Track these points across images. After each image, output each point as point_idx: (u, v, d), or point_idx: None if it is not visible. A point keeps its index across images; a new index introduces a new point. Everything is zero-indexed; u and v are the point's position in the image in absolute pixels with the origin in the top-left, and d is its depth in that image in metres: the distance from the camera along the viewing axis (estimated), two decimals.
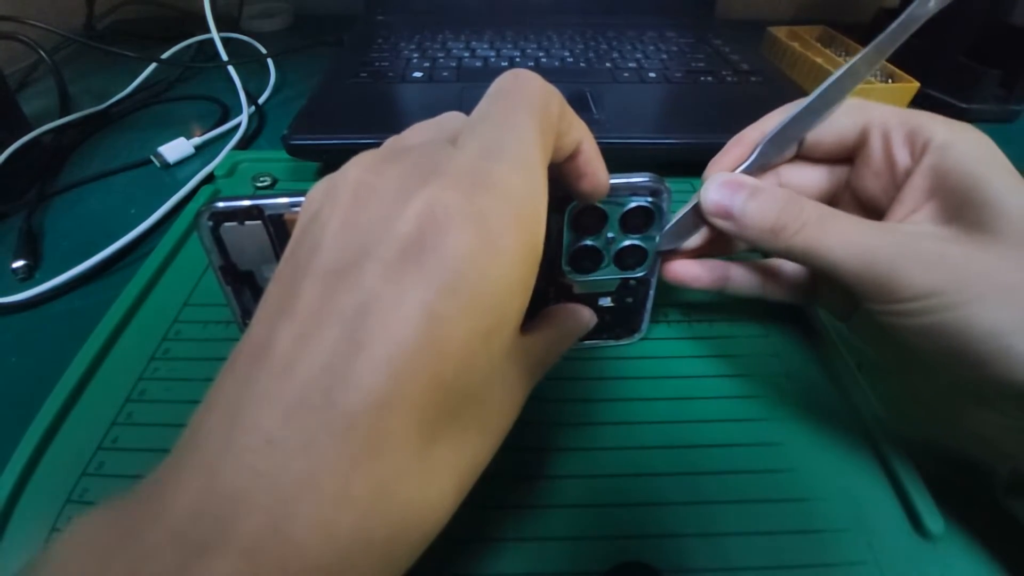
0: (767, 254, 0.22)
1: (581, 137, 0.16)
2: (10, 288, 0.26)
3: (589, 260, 0.20)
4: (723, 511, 0.18)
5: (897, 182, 0.18)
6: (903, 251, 0.15)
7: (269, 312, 0.12)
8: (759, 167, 0.20)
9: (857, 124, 0.19)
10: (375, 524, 0.10)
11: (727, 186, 0.18)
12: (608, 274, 0.21)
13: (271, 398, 0.10)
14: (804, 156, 0.20)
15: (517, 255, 0.12)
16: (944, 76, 0.43)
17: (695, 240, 0.20)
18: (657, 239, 0.20)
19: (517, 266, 0.12)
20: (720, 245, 0.22)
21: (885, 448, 0.19)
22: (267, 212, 0.18)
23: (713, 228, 0.19)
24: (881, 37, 0.17)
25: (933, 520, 0.17)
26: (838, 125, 0.19)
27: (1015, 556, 0.17)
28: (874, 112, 0.18)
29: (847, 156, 0.20)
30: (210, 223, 0.18)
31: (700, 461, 0.19)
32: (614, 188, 0.18)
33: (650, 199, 0.19)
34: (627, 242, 0.20)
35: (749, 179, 0.19)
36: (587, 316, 0.21)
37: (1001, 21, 0.41)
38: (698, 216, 0.19)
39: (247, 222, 0.18)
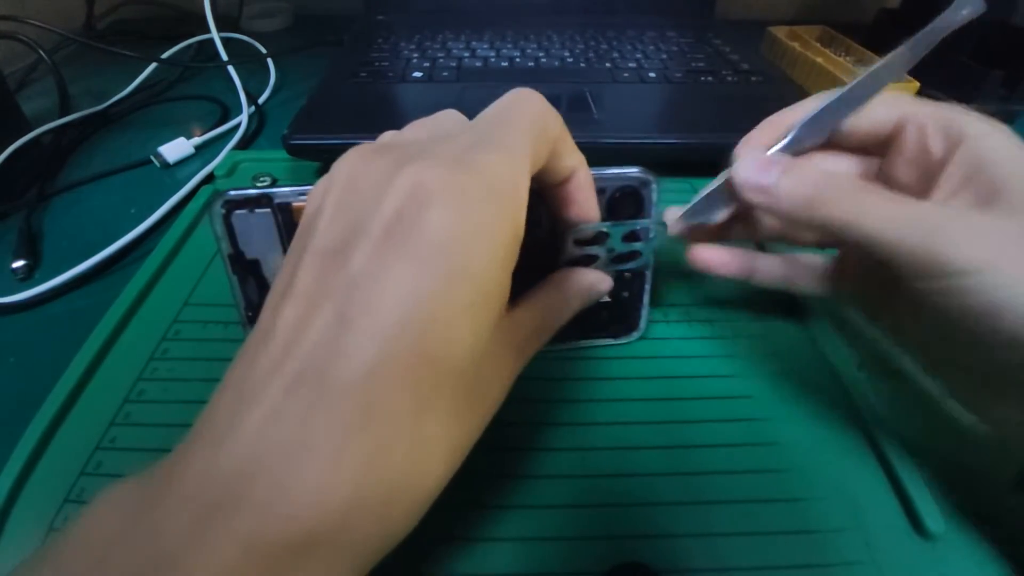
0: (792, 243, 0.22)
1: (577, 165, 0.17)
2: (10, 288, 0.26)
3: (584, 252, 0.20)
4: (721, 511, 0.18)
5: (932, 172, 0.18)
6: (944, 223, 0.15)
7: (274, 297, 0.13)
8: (791, 151, 0.19)
9: (892, 115, 0.19)
10: (368, 488, 0.11)
11: (761, 163, 0.18)
12: (602, 265, 0.20)
13: (273, 375, 0.11)
14: (836, 144, 0.20)
15: (496, 230, 0.12)
16: (945, 76, 0.43)
17: (721, 216, 0.20)
18: (651, 232, 0.20)
19: (497, 241, 0.12)
20: (745, 228, 0.22)
21: (885, 448, 0.19)
22: (276, 200, 0.18)
23: (743, 205, 0.19)
24: (916, 37, 0.18)
25: (933, 520, 0.17)
26: (874, 115, 0.19)
27: (1016, 556, 0.17)
28: (909, 105, 0.19)
29: (880, 147, 0.20)
30: (223, 211, 0.18)
31: (699, 461, 0.19)
32: (605, 176, 0.19)
33: (637, 184, 0.20)
34: (618, 229, 0.20)
35: (783, 156, 0.19)
36: (588, 280, 0.19)
37: (1003, 22, 0.41)
38: (726, 194, 0.19)
39: (257, 210, 0.18)
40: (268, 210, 0.19)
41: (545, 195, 0.17)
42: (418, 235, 0.11)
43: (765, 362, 0.23)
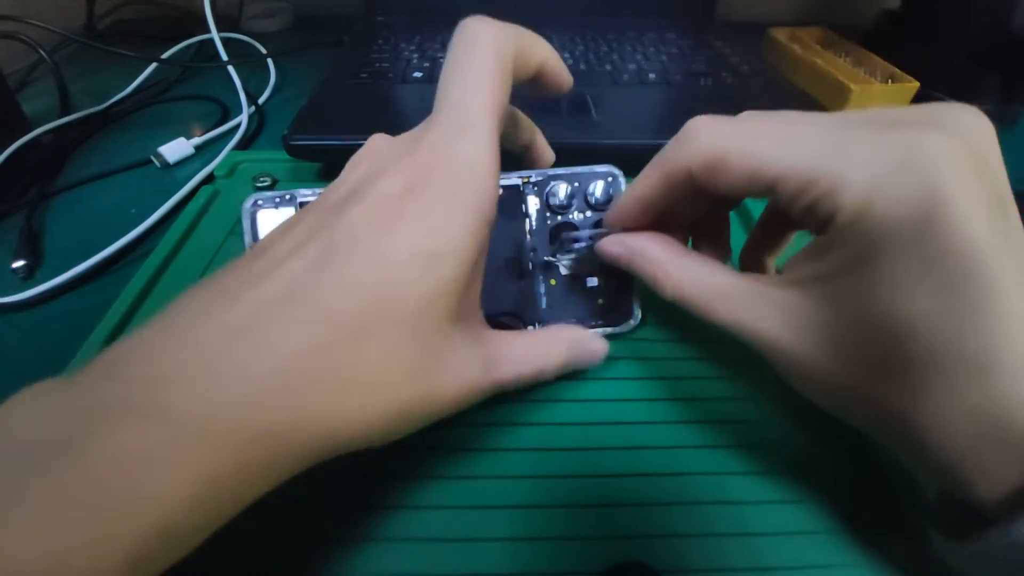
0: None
1: (544, 56, 0.19)
2: (10, 288, 0.26)
3: (567, 235, 0.22)
4: (722, 511, 0.18)
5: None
6: (735, 294, 0.17)
7: (278, 231, 0.16)
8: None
9: (747, 186, 0.16)
10: (297, 378, 0.12)
11: (611, 240, 0.20)
12: (586, 251, 0.22)
13: (252, 282, 0.13)
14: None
15: (460, 211, 0.15)
16: (944, 78, 0.43)
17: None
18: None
19: (460, 220, 0.15)
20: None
21: (885, 448, 0.19)
22: (298, 199, 0.21)
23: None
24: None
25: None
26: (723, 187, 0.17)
27: None
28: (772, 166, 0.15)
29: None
30: (253, 209, 0.21)
31: (699, 461, 0.19)
32: (578, 173, 0.22)
33: (608, 179, 0.22)
34: (593, 216, 0.22)
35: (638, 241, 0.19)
36: (578, 334, 0.20)
37: (1002, 23, 0.41)
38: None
39: (281, 206, 0.21)
40: (292, 208, 0.21)
41: (529, 87, 0.20)
42: (396, 214, 0.14)
43: (765, 363, 0.23)
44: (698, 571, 0.17)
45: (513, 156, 0.23)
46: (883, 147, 0.13)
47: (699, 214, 0.20)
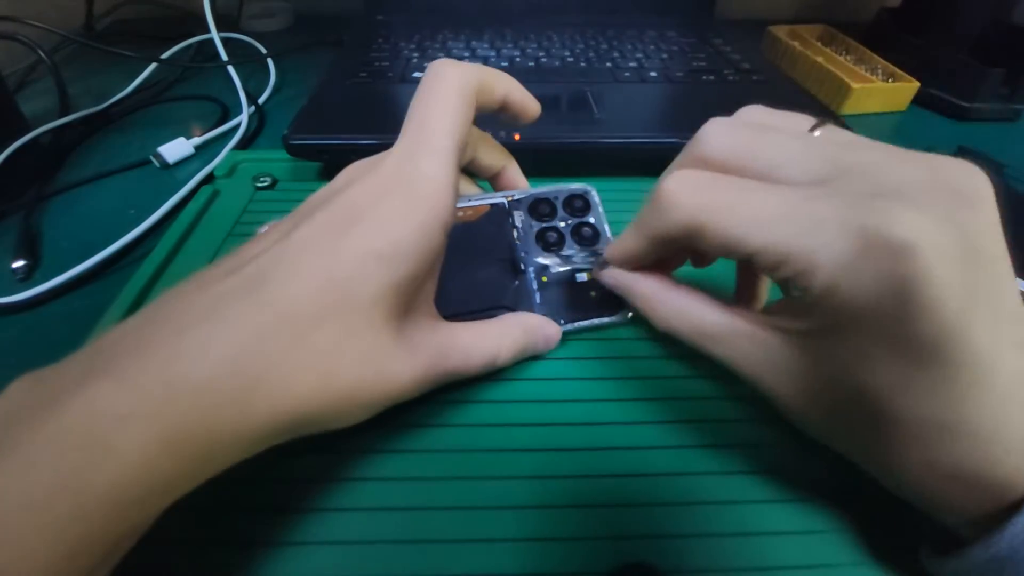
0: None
1: (507, 88, 0.21)
2: (10, 288, 0.26)
3: (552, 239, 0.24)
4: (725, 511, 0.18)
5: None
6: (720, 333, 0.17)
7: (259, 235, 0.17)
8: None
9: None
10: (245, 360, 0.13)
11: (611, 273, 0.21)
12: (569, 250, 0.24)
13: (220, 279, 0.15)
14: None
15: (413, 218, 0.16)
16: (946, 75, 0.43)
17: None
18: (601, 229, 0.25)
19: (412, 225, 0.16)
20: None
21: None
22: None
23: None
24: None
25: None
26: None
27: None
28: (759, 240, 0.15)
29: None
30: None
31: (701, 462, 0.19)
32: (557, 189, 0.25)
33: (581, 190, 0.25)
34: (574, 221, 0.25)
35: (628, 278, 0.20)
36: (535, 321, 0.21)
37: (1003, 20, 0.41)
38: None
39: None
40: None
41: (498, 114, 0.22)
42: (354, 217, 0.16)
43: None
44: (702, 571, 0.17)
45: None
46: (852, 230, 0.13)
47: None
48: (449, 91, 0.18)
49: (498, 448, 0.20)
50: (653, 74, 0.40)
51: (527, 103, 0.21)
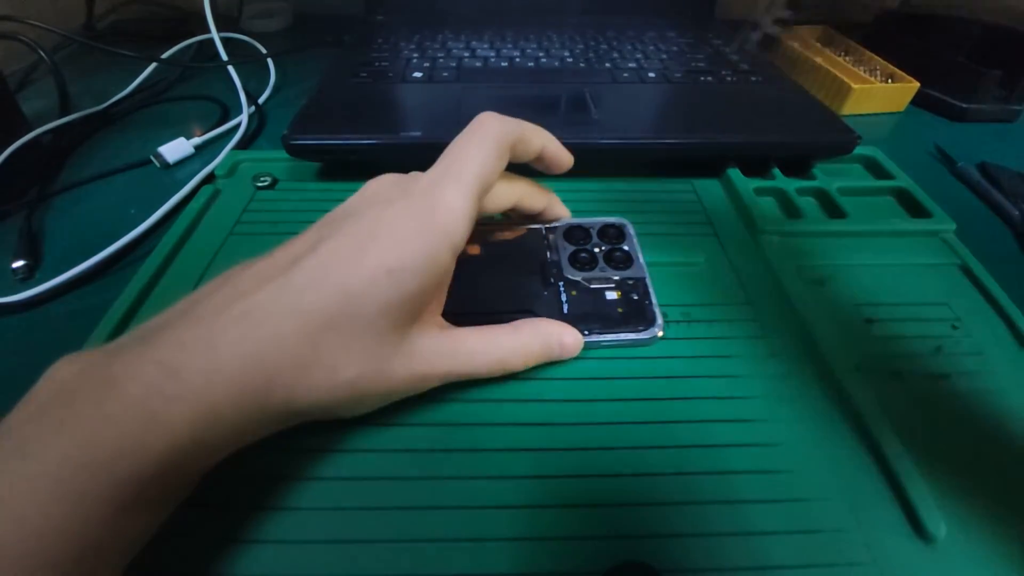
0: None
1: (543, 142, 0.22)
2: (10, 288, 0.26)
3: (584, 259, 0.26)
4: (722, 511, 0.18)
5: None
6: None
7: (294, 237, 0.19)
8: None
9: None
10: (245, 368, 0.15)
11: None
12: (601, 271, 0.25)
13: (243, 287, 0.17)
14: None
15: (427, 239, 0.18)
16: (944, 76, 0.43)
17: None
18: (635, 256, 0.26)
19: (424, 246, 0.18)
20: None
21: (885, 449, 0.19)
22: None
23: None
24: None
25: (933, 523, 0.17)
26: None
27: (1017, 560, 0.17)
28: None
29: None
30: None
31: (699, 461, 0.19)
32: (593, 220, 0.27)
33: (617, 222, 0.28)
34: (608, 246, 0.26)
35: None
36: (551, 328, 0.22)
37: (1001, 22, 0.41)
38: None
39: None
40: None
41: (534, 163, 0.23)
42: (375, 234, 0.18)
43: (765, 363, 0.23)
44: (698, 571, 0.17)
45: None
46: None
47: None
48: (486, 137, 0.20)
49: (495, 448, 0.20)
50: (652, 75, 0.40)
51: (561, 156, 0.23)
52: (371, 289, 0.17)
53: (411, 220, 0.18)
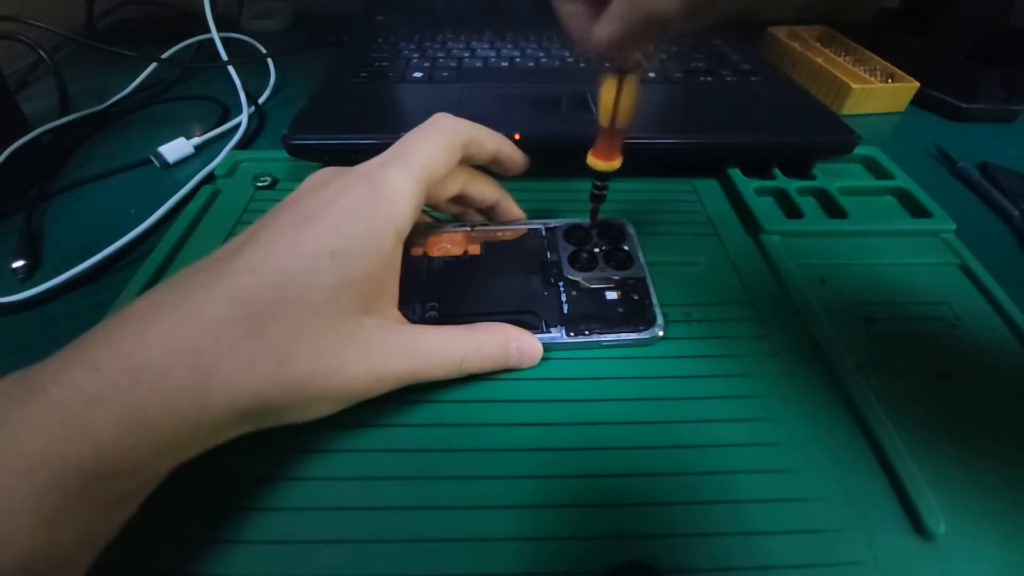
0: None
1: (498, 144, 0.23)
2: (10, 288, 0.26)
3: (584, 259, 0.26)
4: (723, 511, 0.18)
5: None
6: None
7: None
8: None
9: None
10: (193, 376, 0.14)
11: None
12: (601, 272, 0.25)
13: (198, 272, 0.16)
14: None
15: (370, 222, 0.17)
16: (944, 76, 0.43)
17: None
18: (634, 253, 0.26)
19: (367, 229, 0.17)
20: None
21: (885, 448, 0.19)
22: None
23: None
24: None
25: (934, 521, 0.17)
26: None
27: (1018, 558, 0.17)
28: None
29: None
30: None
31: (700, 461, 0.19)
32: (594, 222, 0.27)
33: (617, 222, 0.28)
34: (608, 246, 0.26)
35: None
36: (512, 334, 0.21)
37: (1001, 21, 0.41)
38: None
39: None
40: None
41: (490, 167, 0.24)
42: (313, 217, 0.17)
43: (765, 362, 0.23)
44: (700, 570, 0.17)
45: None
46: None
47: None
48: (437, 134, 0.20)
49: (496, 448, 0.20)
50: (652, 75, 0.40)
51: (515, 158, 0.24)
52: (314, 272, 0.16)
53: (353, 200, 0.17)
